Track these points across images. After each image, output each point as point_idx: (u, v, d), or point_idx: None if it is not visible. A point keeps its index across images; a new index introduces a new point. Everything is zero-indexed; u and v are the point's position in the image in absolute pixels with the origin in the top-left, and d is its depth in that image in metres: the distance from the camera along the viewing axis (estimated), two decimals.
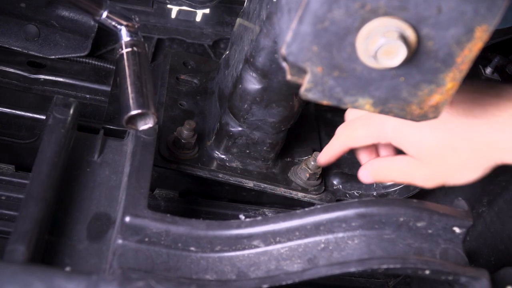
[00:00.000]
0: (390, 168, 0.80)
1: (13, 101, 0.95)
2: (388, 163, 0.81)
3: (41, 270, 0.55)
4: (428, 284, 0.79)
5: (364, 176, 0.83)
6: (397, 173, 0.79)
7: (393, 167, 0.79)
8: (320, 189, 0.95)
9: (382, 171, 0.81)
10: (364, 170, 0.83)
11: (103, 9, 0.75)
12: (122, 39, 0.76)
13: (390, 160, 0.81)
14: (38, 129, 0.94)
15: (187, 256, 0.66)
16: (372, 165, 0.82)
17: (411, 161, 0.76)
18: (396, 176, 0.80)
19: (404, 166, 0.78)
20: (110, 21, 0.76)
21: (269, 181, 0.93)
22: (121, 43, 0.76)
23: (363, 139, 0.80)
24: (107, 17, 0.76)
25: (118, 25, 0.76)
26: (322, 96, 0.56)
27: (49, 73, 1.02)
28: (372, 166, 0.82)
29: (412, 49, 0.51)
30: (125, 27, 0.76)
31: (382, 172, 0.81)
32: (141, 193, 0.68)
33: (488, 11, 0.49)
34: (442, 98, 0.56)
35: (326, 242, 0.68)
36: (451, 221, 0.69)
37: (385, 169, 0.80)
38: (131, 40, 0.76)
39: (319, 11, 0.50)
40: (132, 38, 0.76)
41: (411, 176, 0.77)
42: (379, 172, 0.81)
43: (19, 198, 0.80)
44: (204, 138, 0.94)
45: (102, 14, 0.75)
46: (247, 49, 0.82)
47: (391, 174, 0.80)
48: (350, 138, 0.82)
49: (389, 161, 0.81)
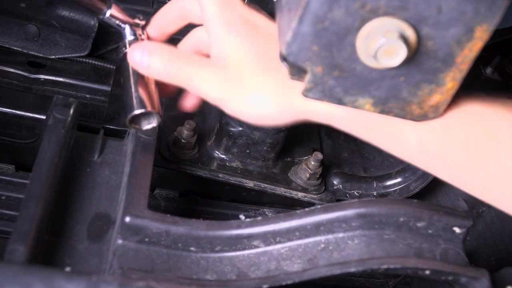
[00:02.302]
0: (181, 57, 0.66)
1: (13, 101, 0.95)
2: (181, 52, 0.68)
3: (41, 271, 0.55)
4: (428, 284, 0.79)
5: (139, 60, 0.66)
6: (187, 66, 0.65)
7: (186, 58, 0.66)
8: (320, 189, 0.95)
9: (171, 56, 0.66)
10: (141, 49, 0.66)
11: (106, 8, 0.74)
12: (126, 37, 0.75)
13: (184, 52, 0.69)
14: (38, 129, 0.94)
15: (187, 256, 0.66)
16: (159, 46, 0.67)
17: (211, 64, 0.65)
18: (184, 70, 0.66)
19: (201, 63, 0.66)
20: (114, 20, 0.75)
21: (269, 181, 0.93)
22: (125, 42, 0.75)
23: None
24: (110, 16, 0.75)
25: (122, 23, 0.75)
26: (322, 96, 0.56)
27: (49, 73, 1.02)
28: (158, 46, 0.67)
29: (412, 49, 0.51)
30: (129, 25, 0.75)
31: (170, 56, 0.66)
32: (141, 193, 0.68)
33: (489, 10, 0.49)
34: (442, 98, 0.56)
35: (326, 242, 0.68)
36: (451, 221, 0.69)
37: (175, 55, 0.66)
38: (135, 38, 0.75)
39: (319, 11, 0.50)
40: (136, 37, 0.75)
41: (200, 75, 0.65)
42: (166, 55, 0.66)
43: (19, 198, 0.80)
44: (204, 138, 0.94)
45: (105, 13, 0.74)
46: None
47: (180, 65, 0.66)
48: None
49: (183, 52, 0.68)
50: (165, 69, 0.66)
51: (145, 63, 0.66)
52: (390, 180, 1.00)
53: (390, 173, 1.01)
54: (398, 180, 1.00)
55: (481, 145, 0.59)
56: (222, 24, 0.65)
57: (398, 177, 1.00)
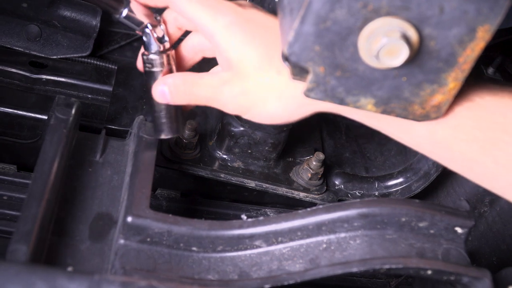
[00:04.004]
0: (196, 82, 0.68)
1: (15, 101, 0.95)
2: (196, 76, 0.69)
3: (43, 270, 0.55)
4: (430, 284, 0.79)
5: (160, 94, 0.69)
6: (203, 88, 0.68)
7: (199, 81, 0.68)
8: (322, 189, 0.95)
9: (186, 86, 0.68)
10: (161, 85, 0.69)
11: (123, 7, 0.69)
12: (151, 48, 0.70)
13: (198, 74, 0.69)
14: (40, 129, 0.94)
15: (189, 256, 0.66)
16: (174, 79, 0.69)
17: (220, 75, 0.67)
18: (202, 92, 0.68)
19: (213, 80, 0.67)
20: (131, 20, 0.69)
21: (271, 181, 0.93)
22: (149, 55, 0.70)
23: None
24: (127, 16, 0.69)
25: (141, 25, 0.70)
26: (324, 96, 0.56)
27: (51, 73, 1.02)
28: (173, 79, 0.69)
29: (414, 49, 0.51)
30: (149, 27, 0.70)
31: (185, 87, 0.68)
32: (143, 193, 0.68)
33: (491, 10, 0.49)
34: (444, 98, 0.56)
35: (328, 242, 0.68)
36: (453, 221, 0.69)
37: (190, 83, 0.68)
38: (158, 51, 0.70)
39: (321, 11, 0.50)
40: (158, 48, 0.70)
41: (219, 92, 0.67)
42: (182, 87, 0.68)
43: (21, 198, 0.80)
44: (206, 138, 0.94)
45: (122, 12, 0.69)
46: None
47: (196, 89, 0.68)
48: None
49: (196, 74, 0.69)
50: (185, 99, 0.69)
51: (168, 98, 0.69)
52: (391, 180, 1.00)
53: (391, 173, 1.01)
54: (399, 180, 1.00)
55: (490, 135, 0.59)
56: (219, 30, 0.65)
57: (399, 177, 1.00)
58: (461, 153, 0.61)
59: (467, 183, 1.03)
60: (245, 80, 0.66)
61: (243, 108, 0.68)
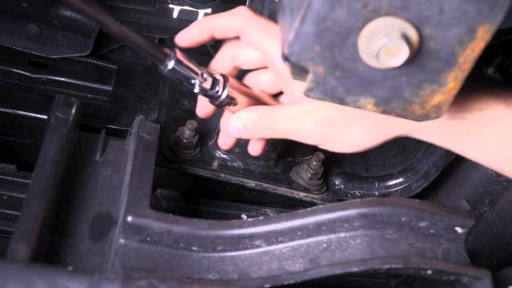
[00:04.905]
0: (273, 115, 0.65)
1: (15, 101, 0.95)
2: (271, 109, 0.65)
3: (43, 269, 0.55)
4: (430, 284, 0.79)
5: (236, 129, 0.66)
6: (281, 121, 0.65)
7: (276, 114, 0.65)
8: (322, 189, 0.95)
9: (263, 120, 0.65)
10: (237, 119, 0.66)
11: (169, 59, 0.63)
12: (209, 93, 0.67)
13: (273, 107, 0.66)
14: (40, 129, 0.94)
15: (189, 255, 0.66)
16: (248, 113, 0.65)
17: (300, 106, 0.64)
18: (281, 125, 0.65)
19: (292, 112, 0.64)
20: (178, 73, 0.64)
21: (271, 180, 0.93)
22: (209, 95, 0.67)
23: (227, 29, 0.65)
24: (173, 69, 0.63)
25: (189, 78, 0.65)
26: (324, 95, 0.56)
27: (51, 73, 1.02)
28: (248, 113, 0.65)
29: (414, 49, 0.51)
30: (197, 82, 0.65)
31: (262, 121, 0.65)
32: (143, 192, 0.68)
33: (491, 10, 0.49)
34: (444, 98, 0.56)
35: (328, 242, 0.68)
36: (453, 221, 0.69)
37: (266, 117, 0.65)
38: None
39: (321, 10, 0.50)
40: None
41: (299, 125, 0.64)
42: (258, 120, 0.65)
43: (21, 198, 0.80)
44: (206, 138, 0.94)
45: (168, 65, 0.63)
46: None
47: (275, 122, 0.65)
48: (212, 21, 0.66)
49: (272, 107, 0.66)
50: (262, 132, 0.67)
51: (243, 133, 0.68)
52: (391, 180, 1.00)
53: (391, 173, 1.01)
54: (399, 180, 1.00)
55: None
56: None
57: (399, 177, 1.00)
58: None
59: (467, 183, 1.03)
60: (329, 108, 0.63)
61: (325, 138, 0.66)
